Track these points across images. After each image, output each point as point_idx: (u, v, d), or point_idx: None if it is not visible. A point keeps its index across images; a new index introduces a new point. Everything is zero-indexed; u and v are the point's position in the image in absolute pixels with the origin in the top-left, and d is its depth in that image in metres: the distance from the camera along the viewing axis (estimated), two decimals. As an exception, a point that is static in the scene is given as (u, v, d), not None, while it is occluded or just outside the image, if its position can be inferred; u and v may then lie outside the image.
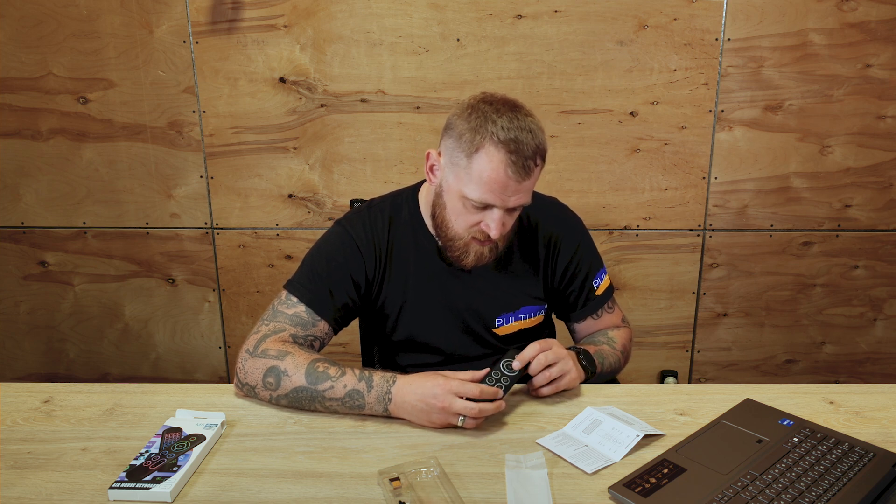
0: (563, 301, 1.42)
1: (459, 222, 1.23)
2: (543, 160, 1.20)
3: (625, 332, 1.42)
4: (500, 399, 1.11)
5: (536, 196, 1.41)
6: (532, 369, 1.17)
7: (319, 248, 1.33)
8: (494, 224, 1.19)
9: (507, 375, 1.14)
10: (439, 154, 1.23)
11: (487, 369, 1.14)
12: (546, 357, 1.17)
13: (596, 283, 1.40)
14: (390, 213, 1.34)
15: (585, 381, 1.25)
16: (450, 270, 1.33)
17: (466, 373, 1.12)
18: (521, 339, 1.35)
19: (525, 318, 1.37)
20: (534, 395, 1.20)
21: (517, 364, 1.15)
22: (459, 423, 1.09)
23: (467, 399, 1.09)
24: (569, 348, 1.26)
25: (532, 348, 1.17)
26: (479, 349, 1.37)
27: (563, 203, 1.43)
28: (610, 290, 1.43)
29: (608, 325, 1.43)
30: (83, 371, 2.50)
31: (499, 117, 1.15)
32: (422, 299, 1.33)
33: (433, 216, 1.28)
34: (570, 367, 1.20)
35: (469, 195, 1.18)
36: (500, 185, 1.15)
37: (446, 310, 1.34)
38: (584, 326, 1.43)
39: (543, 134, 1.19)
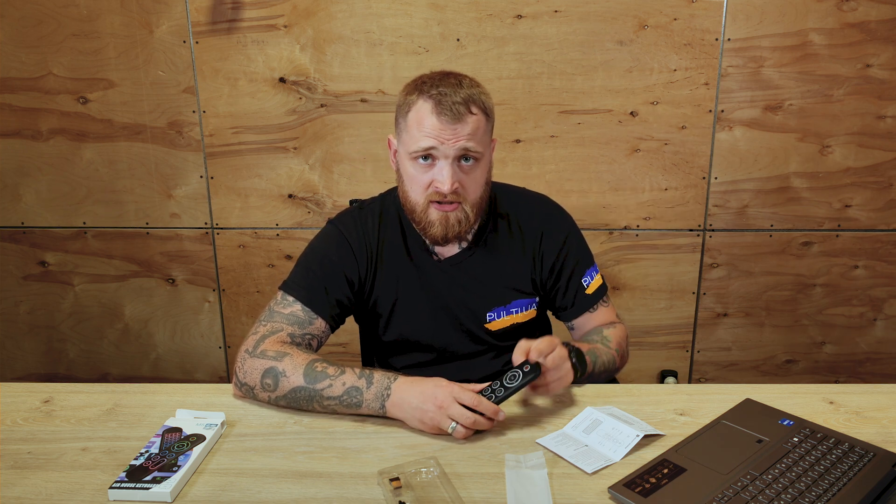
0: (554, 298, 1.40)
1: (415, 188, 1.25)
2: (484, 112, 1.24)
3: (619, 329, 1.39)
4: (497, 416, 1.09)
5: (525, 192, 1.42)
6: (549, 363, 1.13)
7: (313, 247, 1.35)
8: (442, 176, 1.21)
9: (507, 387, 1.10)
10: (394, 137, 1.31)
11: (487, 384, 1.12)
12: (554, 358, 1.13)
13: (586, 281, 1.38)
14: (380, 212, 1.36)
15: (574, 382, 1.21)
16: (439, 267, 1.34)
17: (467, 385, 1.10)
18: (514, 335, 1.33)
19: (517, 311, 1.36)
20: (533, 393, 1.16)
21: (518, 357, 1.12)
22: (450, 430, 1.07)
23: (465, 407, 1.07)
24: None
25: (550, 341, 1.13)
26: (473, 346, 1.36)
27: (555, 201, 1.42)
28: (602, 288, 1.41)
29: (603, 321, 1.40)
30: (83, 371, 2.50)
31: (429, 79, 1.24)
32: (412, 297, 1.34)
33: (402, 200, 1.30)
34: (567, 369, 1.17)
35: (411, 148, 1.22)
36: (431, 128, 1.20)
37: (437, 307, 1.34)
38: (580, 323, 1.40)
39: (478, 89, 1.24)
